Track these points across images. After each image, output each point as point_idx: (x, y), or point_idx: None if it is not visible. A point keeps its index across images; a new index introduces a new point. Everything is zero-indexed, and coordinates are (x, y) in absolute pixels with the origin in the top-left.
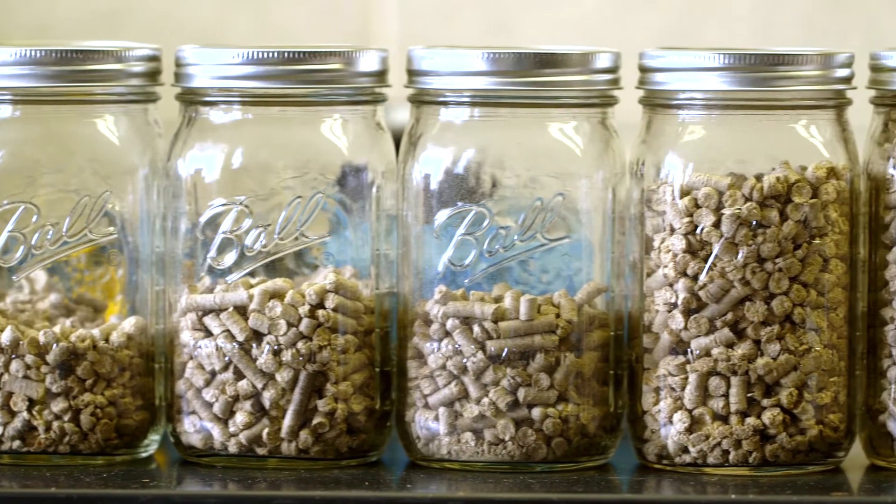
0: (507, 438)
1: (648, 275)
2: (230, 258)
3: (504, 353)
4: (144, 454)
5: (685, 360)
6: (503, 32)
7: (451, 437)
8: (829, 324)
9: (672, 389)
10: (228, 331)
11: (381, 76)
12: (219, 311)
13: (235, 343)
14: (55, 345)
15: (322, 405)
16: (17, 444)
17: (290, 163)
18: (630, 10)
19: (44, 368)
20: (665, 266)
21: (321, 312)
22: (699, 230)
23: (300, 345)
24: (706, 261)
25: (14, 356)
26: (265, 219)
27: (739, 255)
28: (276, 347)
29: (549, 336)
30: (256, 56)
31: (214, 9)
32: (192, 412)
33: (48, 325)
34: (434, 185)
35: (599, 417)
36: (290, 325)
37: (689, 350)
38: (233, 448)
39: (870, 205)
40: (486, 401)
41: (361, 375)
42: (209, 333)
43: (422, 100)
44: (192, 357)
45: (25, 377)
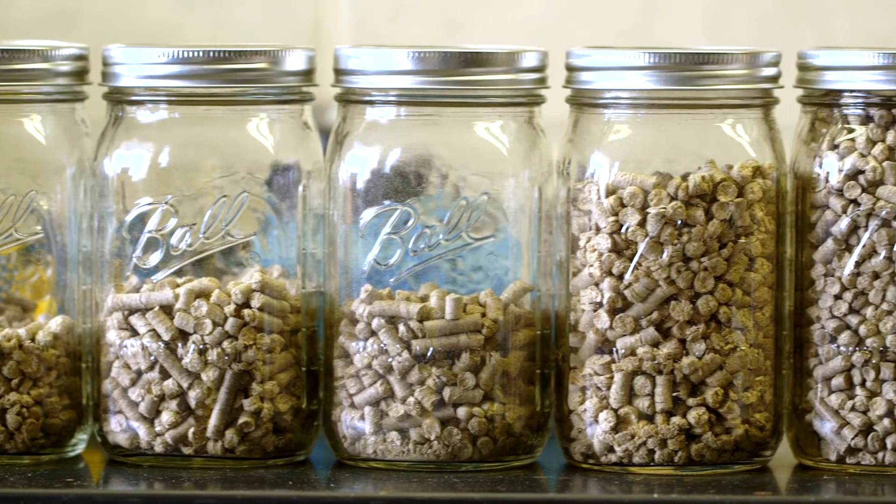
0: (433, 438)
1: (574, 274)
2: (156, 257)
3: (429, 353)
4: (72, 453)
5: (611, 360)
6: (456, 32)
7: (377, 437)
8: (755, 323)
9: (598, 389)
10: (154, 330)
11: (309, 75)
12: (145, 311)
13: (161, 342)
14: None
15: (248, 404)
16: None
17: (218, 162)
18: (583, 9)
19: None
20: (591, 265)
21: (247, 312)
22: (624, 229)
23: (226, 344)
24: (631, 260)
25: None
26: (191, 218)
27: (665, 255)
28: (202, 347)
29: (475, 335)
30: (182, 55)
31: (169, 8)
32: (119, 411)
33: None
34: (360, 185)
35: (525, 417)
36: (216, 325)
37: (615, 349)
38: (159, 447)
39: (796, 204)
40: (412, 400)
41: (287, 375)
42: (135, 333)
43: (348, 99)
44: (119, 356)
45: None
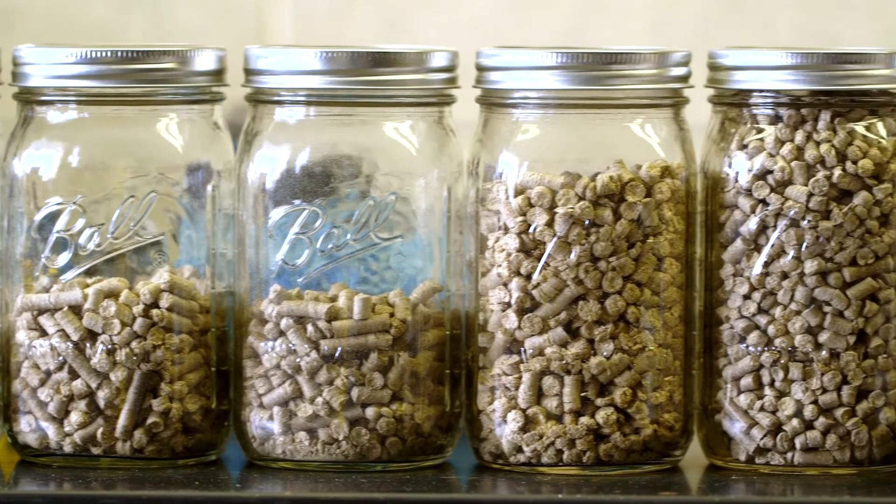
0: (341, 438)
1: (483, 274)
2: (64, 257)
3: (338, 353)
4: None
5: (519, 360)
6: (398, 32)
7: (286, 437)
8: (664, 323)
9: (506, 389)
10: (63, 330)
11: (219, 75)
12: (53, 311)
13: (70, 342)
14: None
15: (157, 404)
16: None
17: (129, 162)
18: (525, 10)
19: None
20: (499, 265)
21: (155, 312)
22: (532, 229)
23: (134, 344)
24: (540, 260)
25: None
26: (103, 218)
27: (573, 255)
28: (111, 347)
29: (383, 335)
30: (91, 55)
31: (110, 8)
32: (28, 412)
33: None
34: (269, 185)
35: (435, 417)
36: (125, 325)
37: (523, 349)
38: (68, 448)
39: (706, 203)
40: (321, 400)
41: (197, 375)
42: (44, 333)
43: (258, 99)
44: (28, 357)
45: None
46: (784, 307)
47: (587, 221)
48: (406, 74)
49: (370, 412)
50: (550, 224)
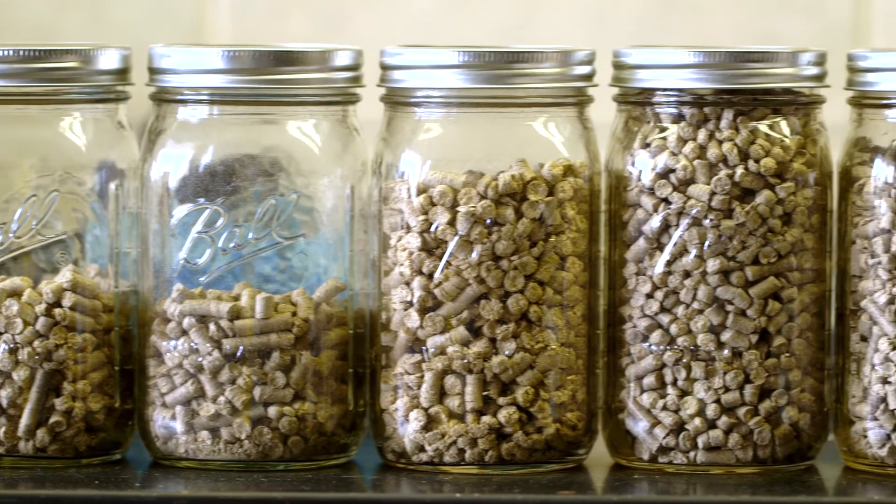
0: (244, 437)
1: (386, 273)
2: None
3: (240, 352)
4: None
5: (421, 359)
6: (336, 31)
7: (189, 436)
8: (567, 322)
9: (409, 388)
10: None
11: (123, 74)
12: None
13: None
14: None
15: (59, 403)
16: None
17: (34, 162)
18: (465, 9)
19: None
20: (401, 264)
21: (58, 311)
22: (434, 228)
23: (36, 343)
24: (441, 259)
25: None
26: (5, 217)
27: (474, 253)
28: (13, 346)
29: (285, 334)
30: None
31: (48, 6)
32: None
33: None
34: (172, 183)
35: (338, 416)
36: (27, 324)
37: (425, 348)
38: None
39: (610, 202)
40: (223, 399)
41: (100, 374)
42: None
43: (161, 98)
44: None
45: None
46: (686, 306)
47: (489, 220)
48: (309, 73)
49: (272, 411)
50: (452, 223)
